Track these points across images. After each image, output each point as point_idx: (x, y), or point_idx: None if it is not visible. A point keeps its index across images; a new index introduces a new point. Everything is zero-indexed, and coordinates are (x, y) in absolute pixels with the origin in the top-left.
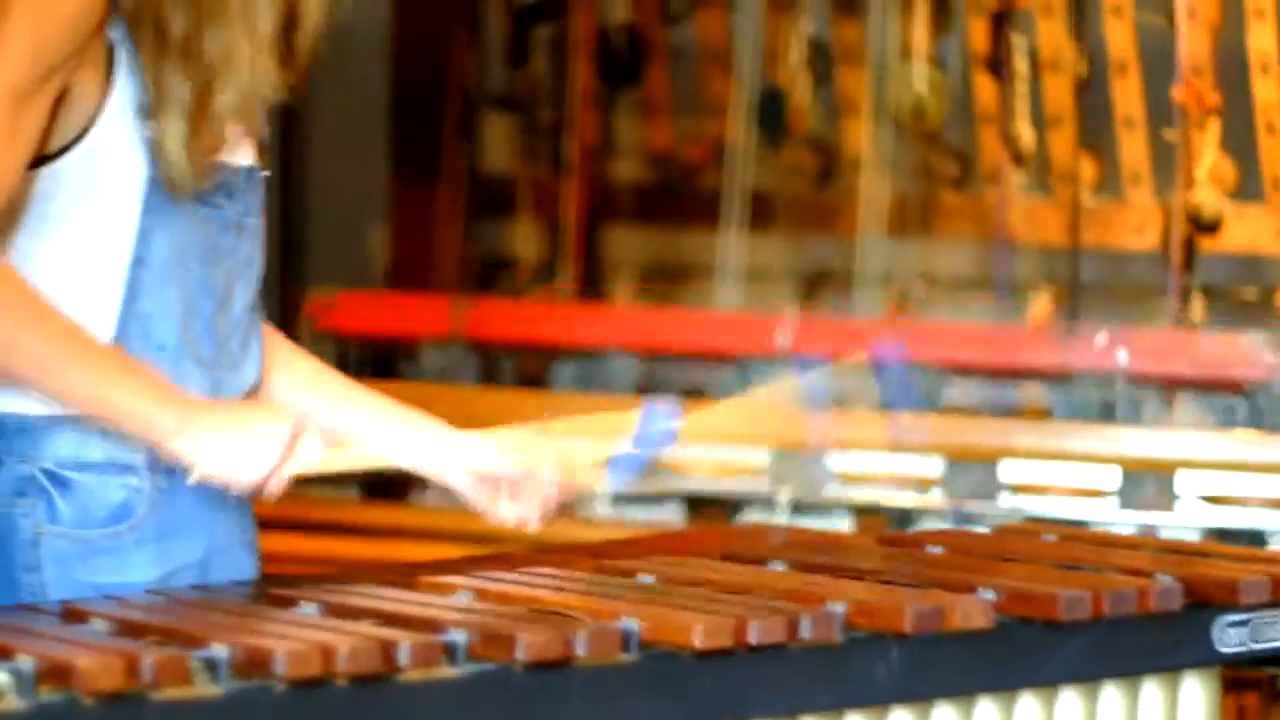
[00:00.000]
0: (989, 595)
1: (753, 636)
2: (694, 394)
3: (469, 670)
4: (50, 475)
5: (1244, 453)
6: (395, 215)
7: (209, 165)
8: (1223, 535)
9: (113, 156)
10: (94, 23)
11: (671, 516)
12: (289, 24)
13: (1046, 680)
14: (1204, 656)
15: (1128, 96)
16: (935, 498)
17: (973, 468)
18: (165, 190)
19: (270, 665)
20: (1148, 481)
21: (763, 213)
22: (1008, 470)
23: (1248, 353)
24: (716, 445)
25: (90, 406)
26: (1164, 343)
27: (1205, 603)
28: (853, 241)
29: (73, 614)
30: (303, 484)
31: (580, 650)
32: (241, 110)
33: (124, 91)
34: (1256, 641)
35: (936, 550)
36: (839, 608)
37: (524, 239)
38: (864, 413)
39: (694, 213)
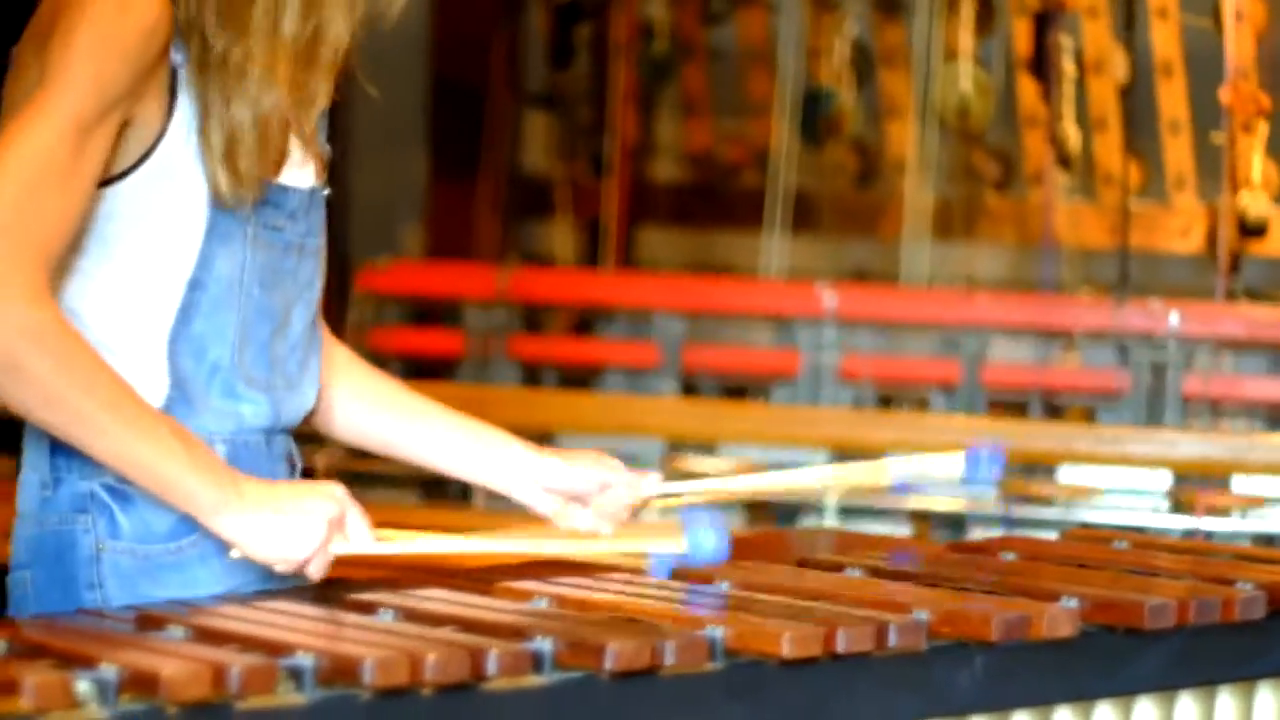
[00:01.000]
0: (1072, 603)
1: (841, 645)
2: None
3: (555, 679)
4: (111, 490)
5: None
6: (433, 213)
7: (259, 181)
8: (1272, 540)
9: (175, 179)
10: (157, 50)
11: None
12: (315, 38)
13: (1127, 689)
14: None
15: (1173, 99)
16: (988, 502)
17: (1027, 471)
18: (221, 208)
19: (358, 673)
20: (1200, 485)
21: (803, 214)
22: (1064, 474)
23: None
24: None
25: (133, 472)
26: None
27: None
28: (894, 243)
29: (149, 620)
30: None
31: (668, 659)
32: (269, 126)
33: (185, 113)
34: None
35: (1010, 557)
36: (924, 616)
37: (562, 238)
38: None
39: (733, 213)
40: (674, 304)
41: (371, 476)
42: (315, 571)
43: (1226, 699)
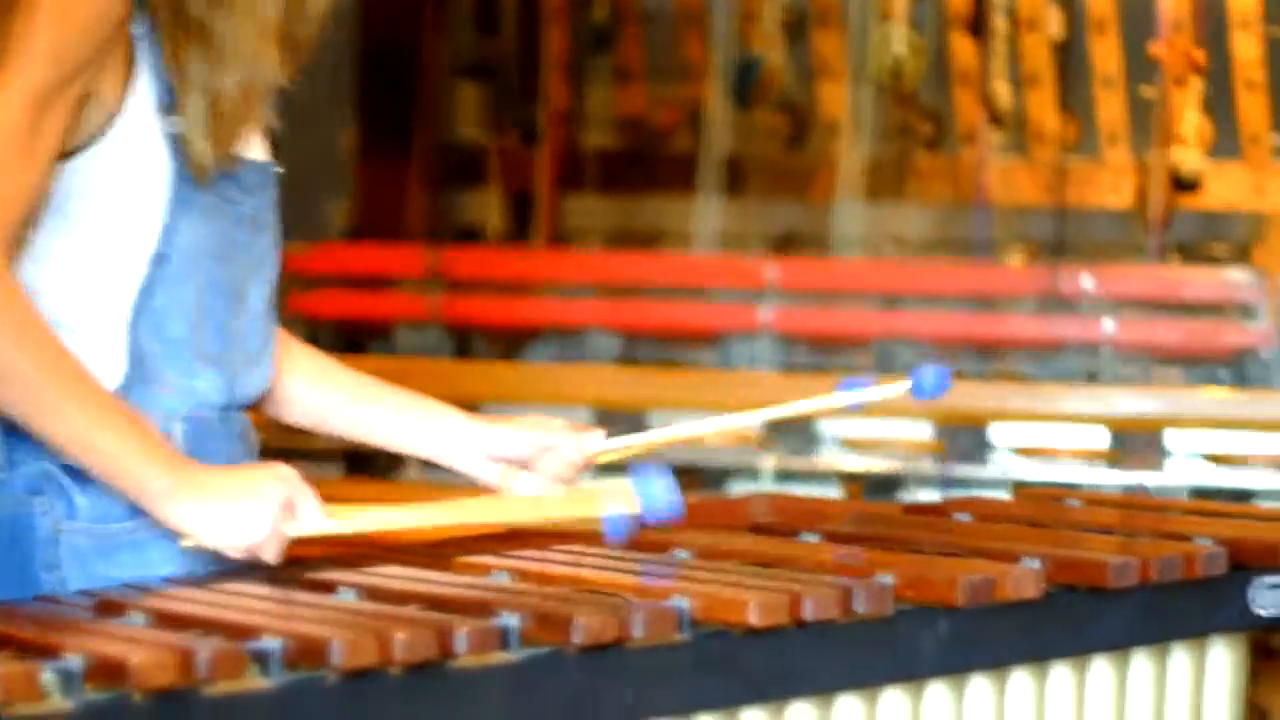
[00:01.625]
0: (1034, 564)
1: (808, 612)
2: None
3: (523, 655)
4: (68, 470)
5: (1232, 410)
6: (362, 186)
7: (229, 153)
8: (1212, 494)
9: (135, 153)
10: (116, 22)
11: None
12: (294, 12)
13: (1090, 648)
14: (1241, 620)
15: (1106, 55)
16: (923, 463)
17: (963, 432)
18: (190, 181)
19: (325, 655)
20: (1137, 441)
21: (735, 178)
22: (998, 433)
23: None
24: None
25: (83, 455)
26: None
27: (1244, 566)
28: (826, 205)
29: (108, 606)
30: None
31: (637, 631)
32: (250, 97)
33: (146, 88)
34: None
35: (965, 518)
36: (889, 580)
37: (492, 208)
38: None
39: (664, 179)
40: (608, 279)
41: (294, 452)
42: (269, 555)
43: (1181, 657)
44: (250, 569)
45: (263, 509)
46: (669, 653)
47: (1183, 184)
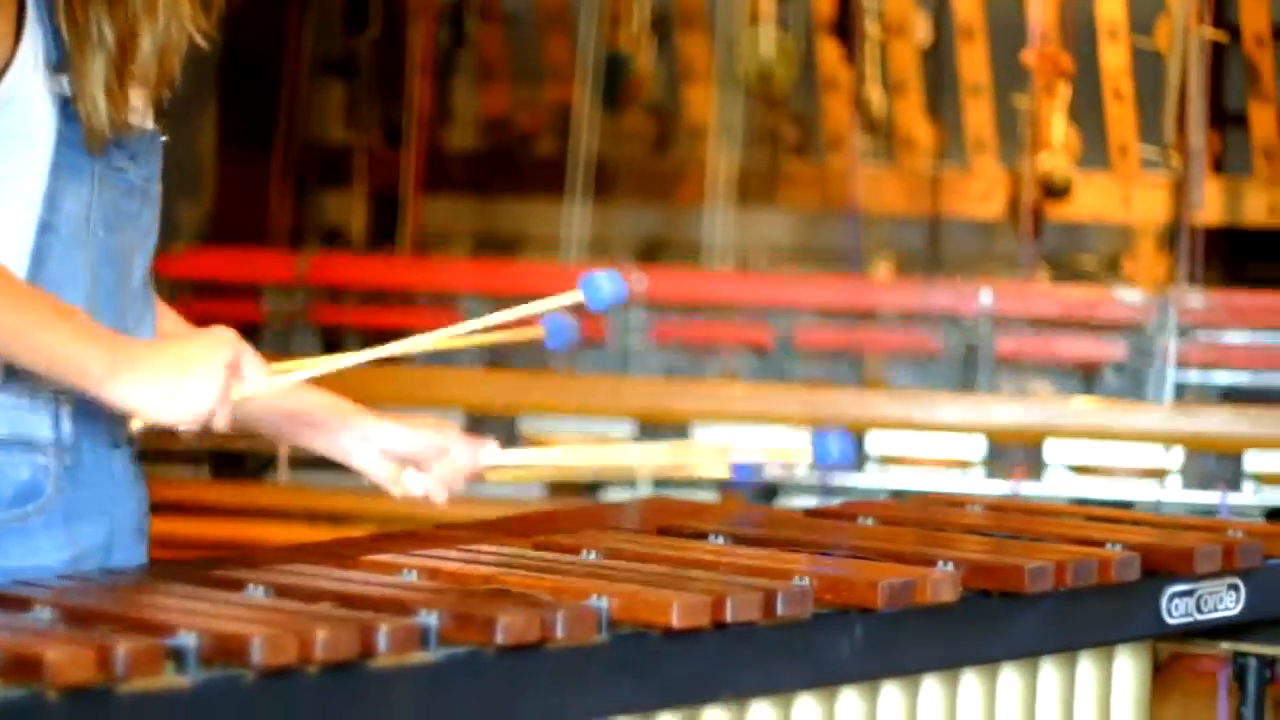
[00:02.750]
0: (949, 568)
1: (730, 614)
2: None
3: (442, 654)
4: None
5: (1110, 419)
6: (223, 186)
7: (125, 118)
8: (1087, 505)
9: (20, 113)
10: None
11: (531, 495)
12: None
13: (1002, 654)
14: (1153, 628)
15: (974, 62)
16: (801, 470)
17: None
18: (76, 146)
19: (244, 653)
20: (1014, 451)
21: (601, 181)
22: (874, 442)
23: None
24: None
25: (15, 346)
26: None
27: (1156, 573)
28: (694, 210)
29: (11, 601)
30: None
31: (559, 632)
32: (165, 56)
33: (33, 44)
34: (1201, 612)
35: (869, 523)
36: (806, 583)
37: (356, 209)
38: None
39: (529, 181)
40: (476, 288)
41: (161, 454)
42: (220, 422)
43: (1087, 666)
44: (153, 565)
45: (208, 376)
46: (588, 654)
47: (1053, 190)
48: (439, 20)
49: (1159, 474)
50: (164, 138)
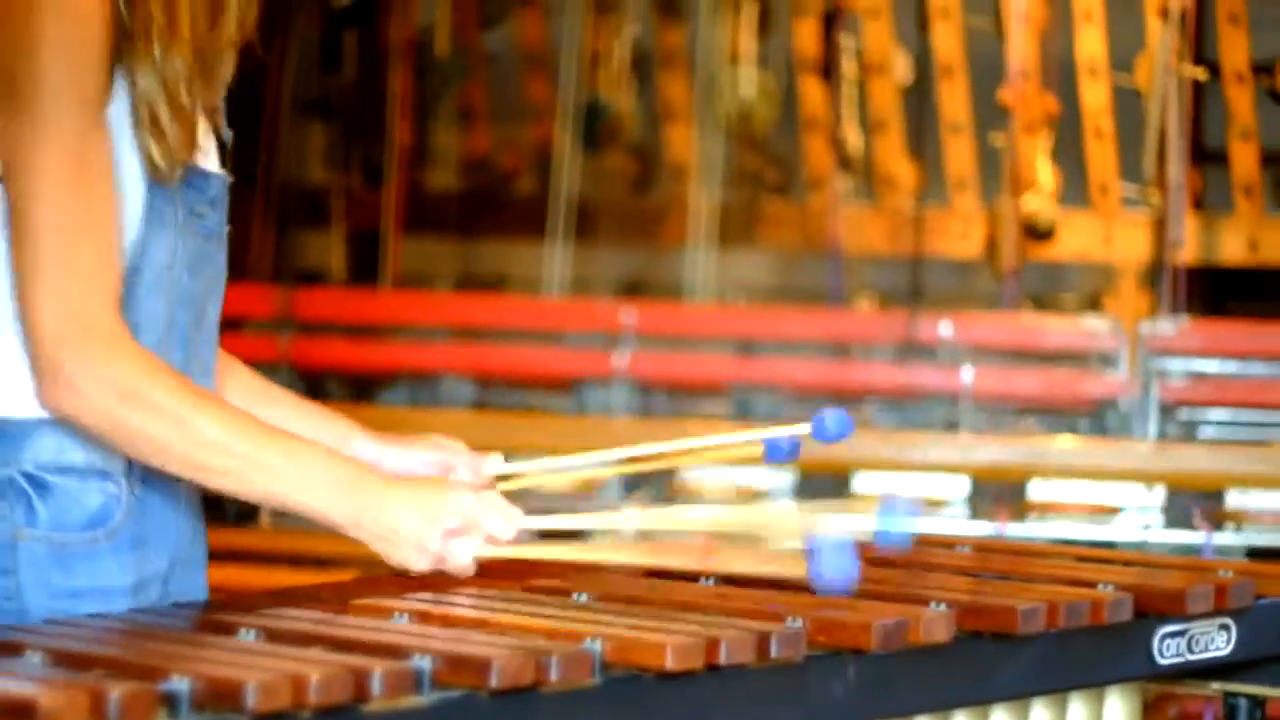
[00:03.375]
0: (941, 609)
1: (723, 656)
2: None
3: (435, 698)
4: (29, 478)
5: (1093, 459)
6: None
7: (184, 148)
8: (1073, 544)
9: (115, 160)
10: (107, 36)
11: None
12: (215, 6)
13: (994, 695)
14: (1145, 668)
15: (954, 101)
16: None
17: (823, 481)
18: (162, 195)
19: (239, 698)
20: (998, 491)
21: (582, 222)
22: (859, 482)
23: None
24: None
25: (265, 501)
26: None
27: (1147, 614)
28: (675, 251)
29: (4, 646)
30: None
31: (553, 675)
32: (210, 93)
33: (122, 98)
34: (1192, 652)
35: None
36: (799, 624)
37: (336, 249)
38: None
39: (510, 222)
40: (458, 322)
41: None
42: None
43: (1078, 707)
44: (147, 610)
45: (429, 538)
46: (582, 697)
47: (1036, 233)
48: (426, 63)
49: (1142, 513)
50: (231, 179)
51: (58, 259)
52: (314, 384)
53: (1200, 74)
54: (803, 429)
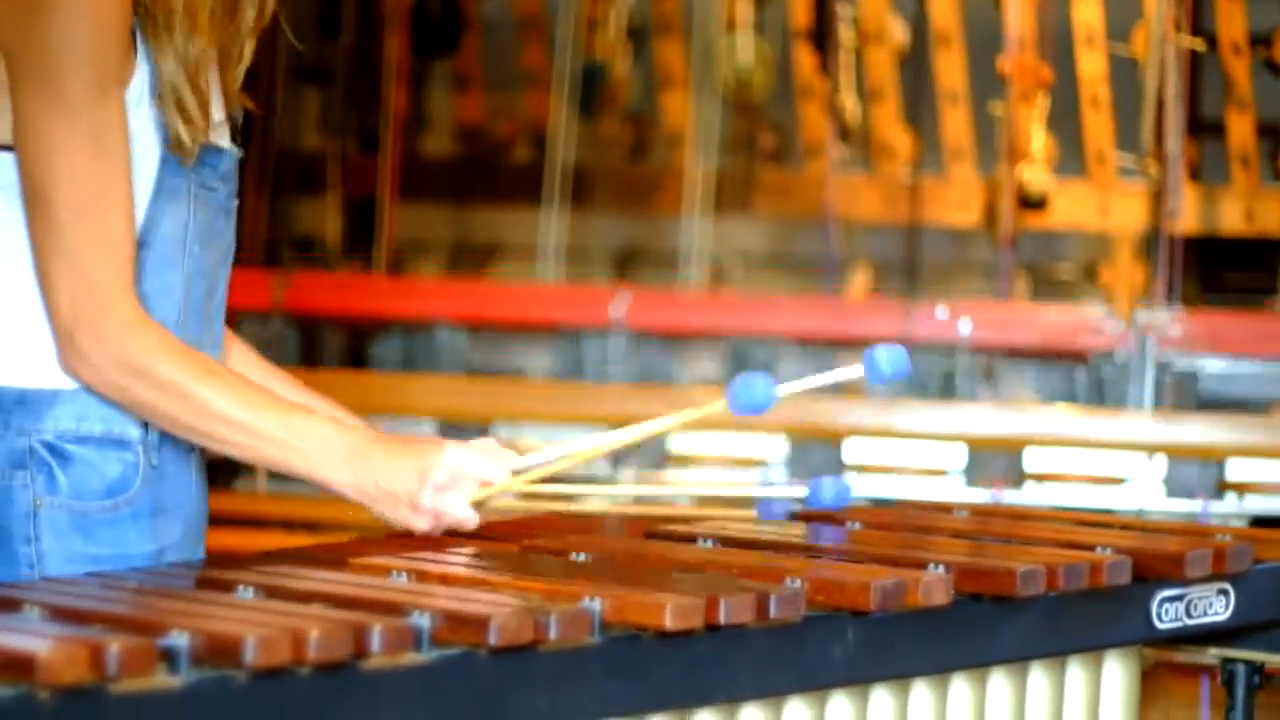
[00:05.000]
0: (940, 571)
1: (723, 616)
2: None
3: (434, 655)
4: (50, 447)
5: (1090, 429)
6: None
7: (206, 128)
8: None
9: (133, 139)
10: (128, 12)
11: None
12: None
13: (993, 658)
14: (1143, 633)
15: (951, 69)
16: (780, 479)
17: (816, 448)
18: (174, 168)
19: (238, 653)
20: (994, 459)
21: (578, 189)
22: (851, 450)
23: (1090, 323)
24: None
25: (274, 468)
26: (1006, 314)
27: (1146, 578)
28: (670, 218)
29: (2, 602)
30: None
31: (552, 633)
32: (227, 72)
33: (142, 76)
34: (1191, 617)
35: (856, 527)
36: (798, 584)
37: (331, 216)
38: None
39: (505, 189)
40: (454, 315)
41: None
42: (469, 525)
43: (1076, 671)
44: (140, 571)
45: (421, 495)
46: (581, 655)
47: (1030, 202)
48: (415, 27)
49: (1140, 482)
50: (241, 154)
51: (73, 231)
52: (306, 349)
53: (1197, 44)
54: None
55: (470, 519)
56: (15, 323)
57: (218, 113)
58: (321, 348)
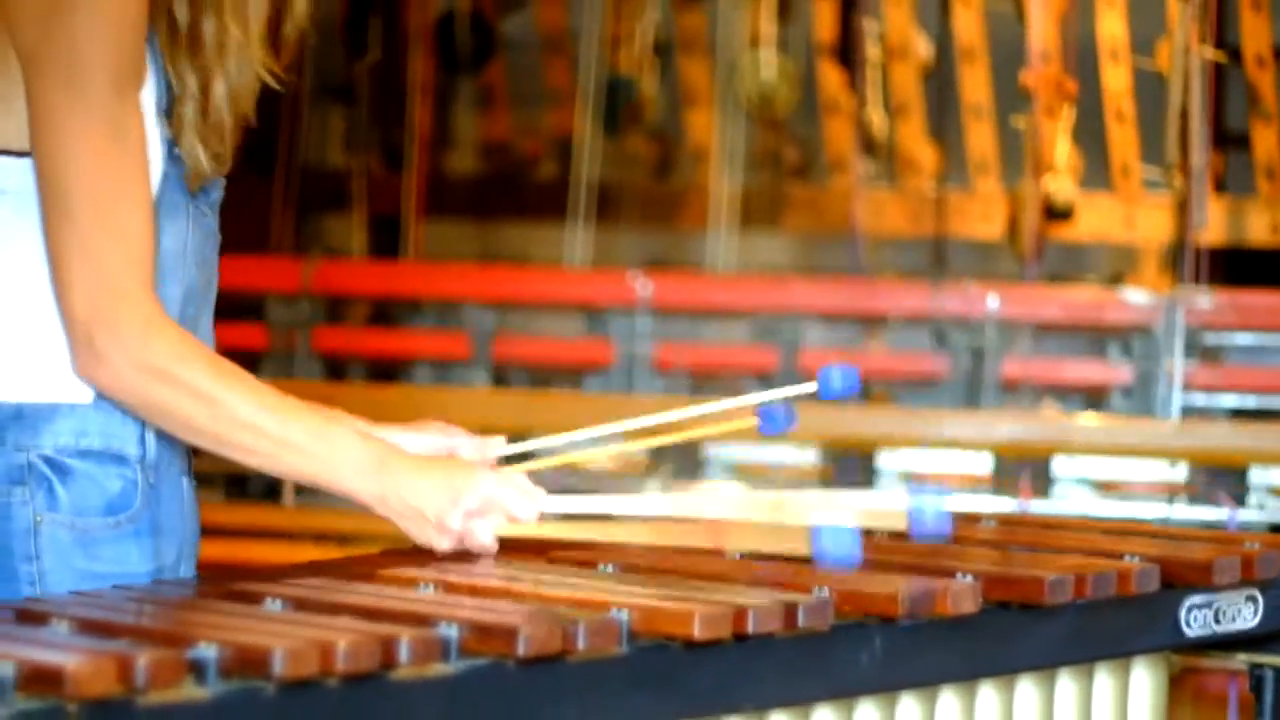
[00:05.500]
0: (968, 579)
1: (751, 625)
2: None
3: (462, 666)
4: (49, 462)
5: (1117, 436)
6: (224, 211)
7: (218, 157)
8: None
9: None
10: (146, 15)
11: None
12: (279, 14)
13: (1023, 665)
14: (1171, 639)
15: (975, 83)
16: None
17: (847, 458)
18: (177, 187)
19: (267, 664)
20: (1021, 468)
21: (603, 205)
22: (882, 459)
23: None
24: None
25: (290, 477)
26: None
27: (1174, 584)
28: (696, 234)
29: (29, 615)
30: None
31: (580, 644)
32: (236, 101)
33: (150, 92)
34: (1219, 624)
35: (883, 536)
36: (826, 593)
37: (357, 233)
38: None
39: (530, 206)
40: (481, 295)
41: None
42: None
43: (1104, 679)
44: (167, 584)
45: (450, 517)
46: (609, 666)
47: (1056, 213)
48: (440, 45)
49: (1166, 490)
50: (224, 180)
51: (92, 229)
52: (335, 368)
53: (1221, 57)
54: (807, 388)
55: (492, 548)
56: (13, 337)
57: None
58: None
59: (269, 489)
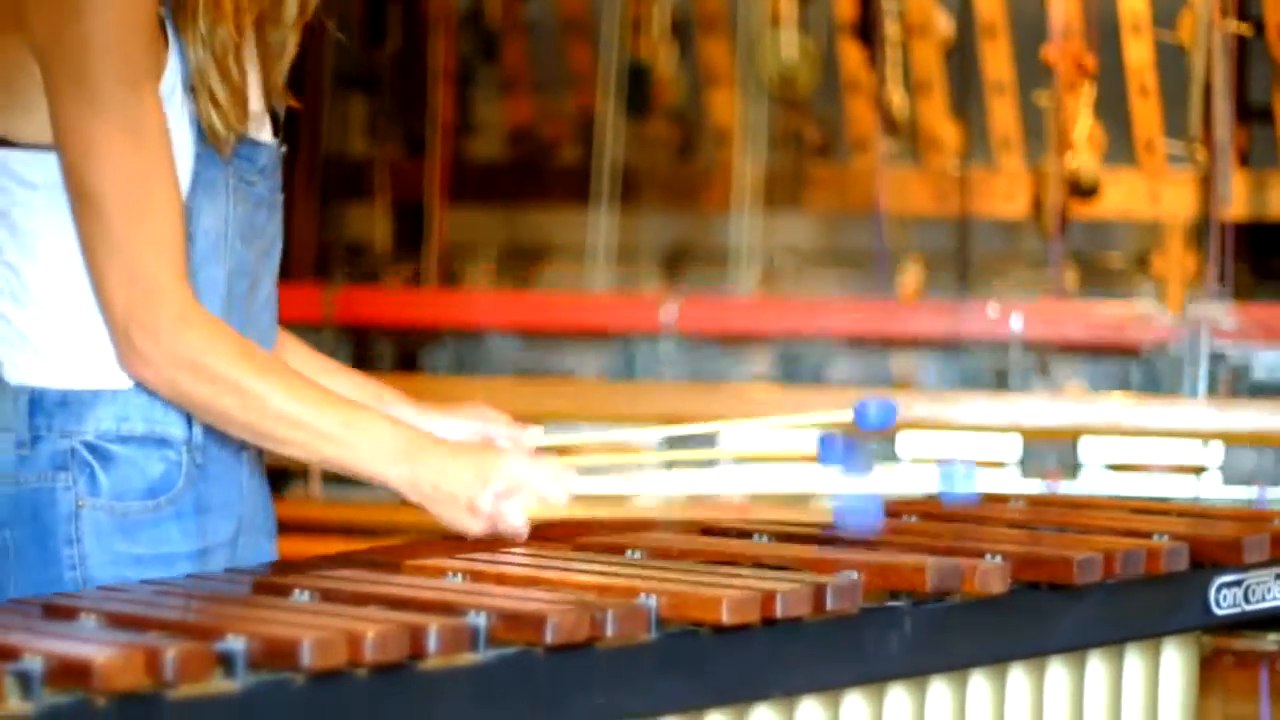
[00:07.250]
0: (997, 560)
1: (780, 609)
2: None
3: (490, 655)
4: (91, 448)
5: (1144, 418)
6: None
7: (242, 120)
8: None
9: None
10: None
11: None
12: None
13: (1053, 647)
14: (1201, 619)
15: (997, 60)
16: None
17: (869, 442)
18: (212, 162)
19: (295, 656)
20: (1049, 450)
21: (626, 188)
22: (907, 444)
23: (1141, 317)
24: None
25: (322, 464)
26: (1057, 310)
27: (1204, 564)
28: (719, 215)
29: (57, 610)
30: None
31: (608, 631)
32: (268, 65)
33: (174, 69)
34: (1249, 602)
35: (912, 520)
36: (854, 575)
37: (379, 220)
38: None
39: (553, 190)
40: (505, 324)
41: None
42: (510, 531)
43: (1135, 660)
44: (195, 577)
45: (481, 500)
46: (638, 652)
47: (1081, 190)
48: (461, 31)
49: (1196, 470)
50: (284, 149)
51: (121, 226)
52: (358, 349)
53: (1244, 29)
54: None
55: (523, 531)
56: (56, 325)
57: (255, 103)
58: (373, 358)
59: (294, 480)
